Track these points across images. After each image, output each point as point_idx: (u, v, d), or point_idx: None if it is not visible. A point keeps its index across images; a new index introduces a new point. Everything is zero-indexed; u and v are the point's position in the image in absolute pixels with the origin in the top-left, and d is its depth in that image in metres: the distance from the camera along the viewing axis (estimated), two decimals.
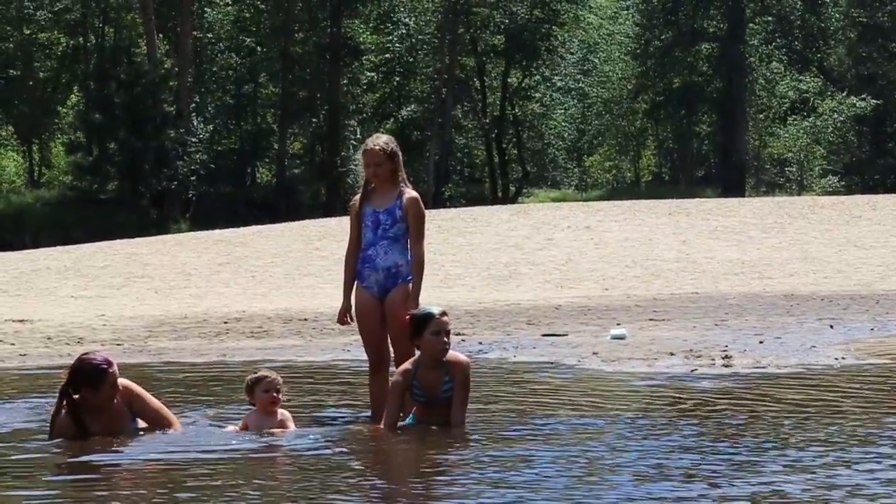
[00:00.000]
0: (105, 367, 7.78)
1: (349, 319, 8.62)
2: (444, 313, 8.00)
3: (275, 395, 8.00)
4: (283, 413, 8.09)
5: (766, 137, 62.03)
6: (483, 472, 6.77)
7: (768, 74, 60.77)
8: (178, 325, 16.14)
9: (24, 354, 13.20)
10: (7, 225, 47.00)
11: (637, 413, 8.86)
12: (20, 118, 56.34)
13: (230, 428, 8.17)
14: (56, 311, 18.73)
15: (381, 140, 8.62)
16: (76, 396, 7.81)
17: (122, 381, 7.94)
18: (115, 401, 7.87)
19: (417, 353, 8.13)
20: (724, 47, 59.61)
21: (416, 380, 8.02)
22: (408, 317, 8.14)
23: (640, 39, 61.20)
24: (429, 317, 7.96)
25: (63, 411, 7.84)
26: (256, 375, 8.13)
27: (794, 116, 61.66)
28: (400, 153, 8.63)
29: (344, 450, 7.66)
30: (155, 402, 8.04)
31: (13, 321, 16.70)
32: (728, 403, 9.13)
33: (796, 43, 64.71)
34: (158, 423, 7.96)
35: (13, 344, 14.17)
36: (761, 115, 61.63)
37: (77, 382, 7.80)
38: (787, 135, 61.17)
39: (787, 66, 62.31)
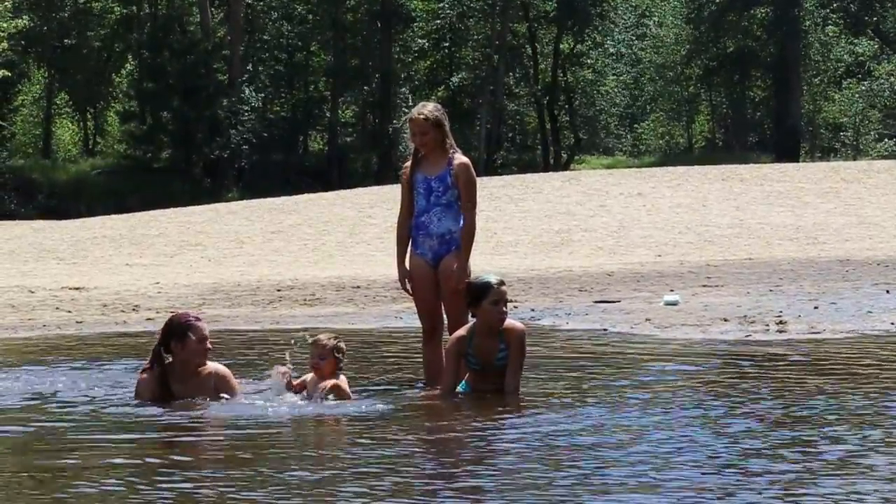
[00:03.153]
0: (192, 319, 8.01)
1: (408, 285, 8.64)
2: (501, 282, 8.01)
3: (312, 359, 8.05)
4: (341, 378, 8.12)
5: (820, 102, 61.43)
6: (536, 439, 6.78)
7: (823, 38, 60.11)
8: (232, 293, 16.24)
9: (81, 322, 13.34)
10: (63, 193, 47.48)
11: (691, 380, 8.83)
12: (75, 87, 56.77)
13: (288, 395, 8.20)
14: (111, 278, 18.91)
15: (426, 109, 8.60)
16: (168, 360, 7.96)
17: (216, 365, 8.11)
18: (206, 372, 7.98)
19: (472, 320, 8.14)
20: (778, 11, 58.98)
21: (470, 347, 8.04)
22: (464, 284, 8.13)
23: (694, 3, 60.69)
24: (487, 286, 7.96)
25: (149, 374, 7.99)
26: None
27: (849, 80, 61.01)
28: (446, 120, 8.60)
29: (398, 416, 7.70)
30: (238, 390, 8.16)
31: (69, 289, 16.87)
32: (782, 369, 9.08)
33: (852, 6, 63.92)
34: None
35: (70, 311, 14.32)
36: (816, 80, 61.02)
37: (167, 336, 7.98)
38: (842, 99, 60.56)
39: (843, 30, 61.60)
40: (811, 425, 7.00)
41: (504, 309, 7.98)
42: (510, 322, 8.06)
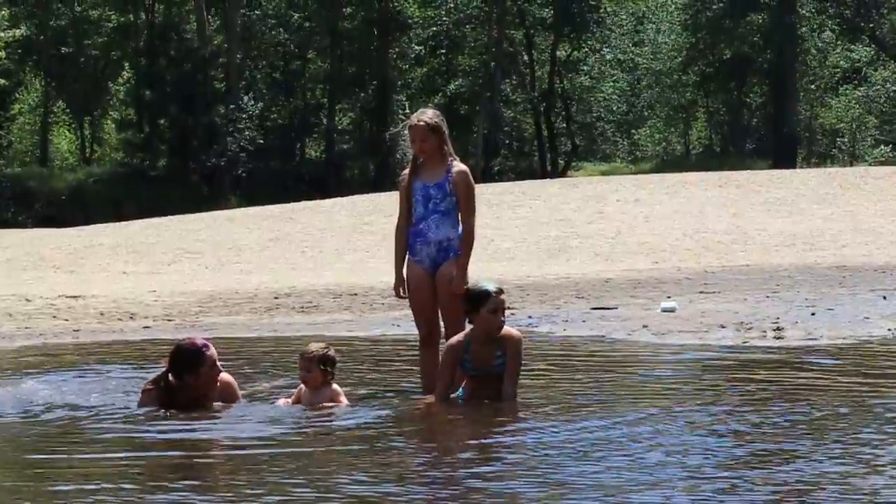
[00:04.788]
0: (202, 349, 7.89)
1: (403, 293, 8.65)
2: (500, 291, 8.01)
3: (300, 372, 8.06)
4: (334, 388, 8.14)
5: (817, 108, 61.47)
6: (534, 447, 6.78)
7: (820, 44, 60.17)
8: (229, 301, 16.24)
9: (78, 330, 13.34)
10: (60, 201, 47.46)
11: (687, 387, 8.84)
12: (72, 95, 56.77)
13: (281, 402, 8.22)
14: (108, 286, 18.90)
15: (425, 115, 8.62)
16: (174, 382, 7.90)
17: (225, 376, 8.07)
18: (216, 388, 7.96)
19: (469, 326, 8.15)
20: (775, 17, 59.04)
21: (467, 354, 8.04)
22: (463, 290, 8.14)
23: (691, 10, 60.76)
24: (486, 294, 7.95)
25: (155, 390, 7.94)
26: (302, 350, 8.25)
27: (845, 86, 61.06)
28: (445, 126, 8.62)
29: (394, 424, 7.70)
30: (239, 397, 8.17)
31: (67, 297, 16.87)
32: (778, 376, 9.08)
33: (848, 12, 64.00)
34: None
35: (67, 319, 14.32)
36: (813, 86, 61.06)
37: (177, 369, 7.87)
38: (838, 105, 60.60)
39: (839, 36, 61.67)
40: (806, 436, 7.00)
41: (502, 318, 7.99)
42: (507, 329, 8.07)
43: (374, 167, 54.57)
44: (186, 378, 7.85)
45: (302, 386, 8.18)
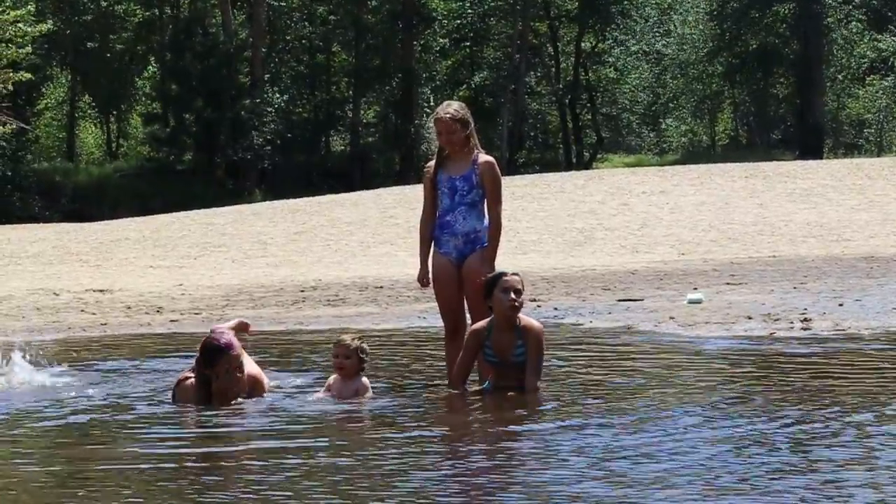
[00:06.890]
0: (224, 348, 7.88)
1: (427, 282, 8.67)
2: (514, 274, 8.11)
3: (336, 359, 8.08)
4: (364, 380, 8.15)
5: (844, 98, 61.17)
6: (558, 439, 6.77)
7: (847, 34, 59.86)
8: (256, 294, 16.27)
9: (105, 323, 13.39)
10: (87, 196, 47.64)
11: (715, 378, 8.81)
12: (98, 90, 56.96)
13: (315, 396, 8.21)
14: (135, 280, 18.97)
15: (451, 108, 8.62)
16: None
17: (253, 370, 8.09)
18: (242, 383, 7.98)
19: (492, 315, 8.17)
20: (801, 7, 58.78)
21: (489, 341, 8.08)
22: (481, 279, 8.19)
23: (717, 0, 60.52)
24: (498, 275, 8.10)
25: (192, 380, 7.99)
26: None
27: (872, 76, 60.74)
28: (471, 119, 8.63)
29: (420, 416, 7.70)
30: (267, 389, 8.22)
31: (94, 291, 16.94)
32: (807, 366, 9.04)
33: (875, 1, 63.64)
34: None
35: (94, 313, 14.38)
36: (839, 76, 60.77)
37: (202, 359, 7.93)
38: (865, 95, 60.30)
39: (866, 26, 61.34)
40: (836, 431, 6.97)
41: (514, 297, 7.99)
42: (528, 321, 8.08)
43: (399, 160, 54.59)
44: (208, 372, 7.89)
45: (330, 379, 8.19)
